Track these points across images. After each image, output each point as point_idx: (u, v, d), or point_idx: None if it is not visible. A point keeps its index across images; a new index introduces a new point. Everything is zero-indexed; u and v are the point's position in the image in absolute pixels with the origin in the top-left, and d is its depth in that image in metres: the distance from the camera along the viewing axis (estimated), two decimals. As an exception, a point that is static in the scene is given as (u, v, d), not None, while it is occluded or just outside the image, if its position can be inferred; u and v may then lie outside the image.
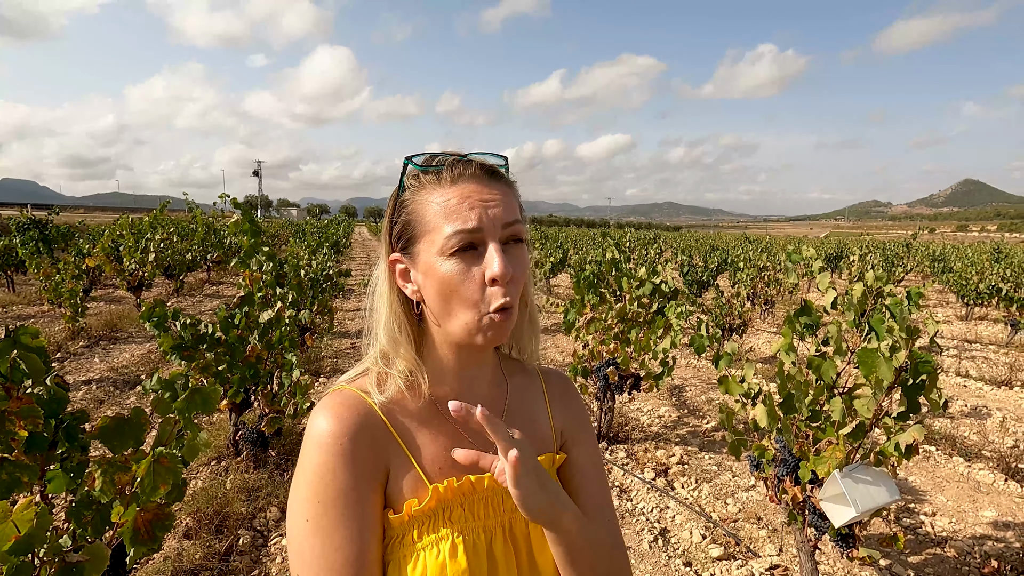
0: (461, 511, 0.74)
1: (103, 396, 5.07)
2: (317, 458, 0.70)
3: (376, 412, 0.74)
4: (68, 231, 13.42)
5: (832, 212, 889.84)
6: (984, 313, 11.72)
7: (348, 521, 0.68)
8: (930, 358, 1.85)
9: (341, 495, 0.69)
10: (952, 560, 3.01)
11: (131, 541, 1.55)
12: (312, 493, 0.69)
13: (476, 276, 0.68)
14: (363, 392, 0.75)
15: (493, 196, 0.71)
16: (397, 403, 0.76)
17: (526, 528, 0.77)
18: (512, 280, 0.69)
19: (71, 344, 6.73)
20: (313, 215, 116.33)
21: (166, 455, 1.58)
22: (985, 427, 5.02)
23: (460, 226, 0.68)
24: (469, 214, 0.68)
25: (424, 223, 0.71)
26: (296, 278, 4.67)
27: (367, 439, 0.72)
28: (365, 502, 0.70)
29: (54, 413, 1.59)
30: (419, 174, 0.73)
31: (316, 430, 0.71)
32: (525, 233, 0.74)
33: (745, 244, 17.54)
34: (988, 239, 49.81)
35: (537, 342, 0.87)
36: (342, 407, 0.73)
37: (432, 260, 0.70)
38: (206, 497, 3.20)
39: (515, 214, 0.72)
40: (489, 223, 0.69)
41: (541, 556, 0.77)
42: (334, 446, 0.70)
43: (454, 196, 0.70)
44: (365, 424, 0.72)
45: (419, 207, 0.72)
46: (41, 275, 7.71)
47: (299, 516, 0.69)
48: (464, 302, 0.69)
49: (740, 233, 48.62)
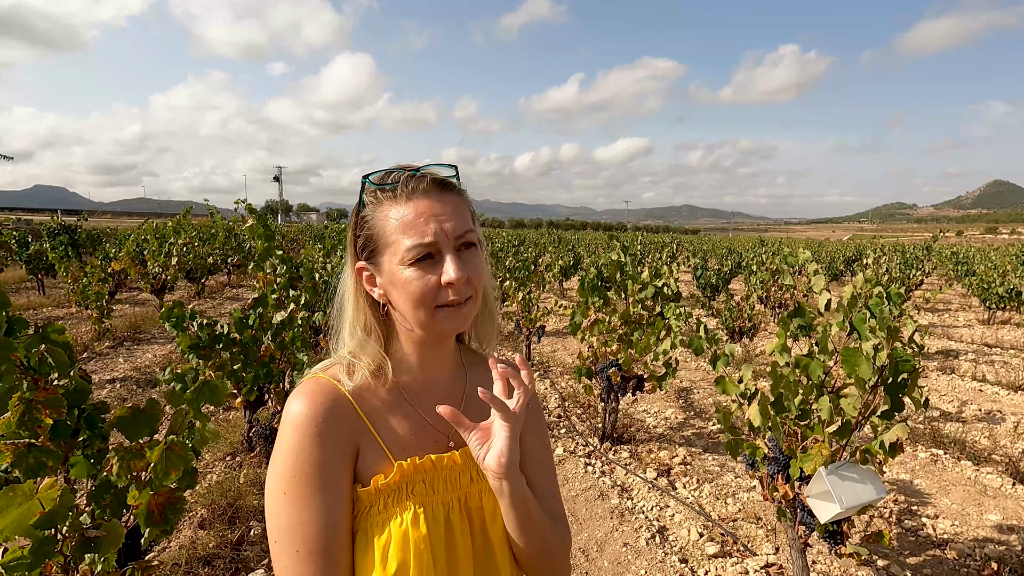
0: (423, 486, 0.82)
1: (126, 394, 5.28)
2: (293, 438, 0.78)
3: (346, 397, 0.83)
4: (96, 236, 13.87)
5: (855, 215, 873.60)
6: (1007, 317, 11.47)
7: (321, 494, 0.76)
8: (910, 357, 1.89)
9: (315, 471, 0.77)
10: (951, 562, 3.01)
11: (145, 522, 1.68)
12: (289, 469, 0.77)
13: (432, 281, 0.79)
14: (335, 380, 0.84)
15: (445, 209, 0.80)
16: (365, 390, 0.85)
17: (480, 501, 0.87)
18: (467, 281, 0.80)
19: (97, 345, 6.99)
20: (332, 219, 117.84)
21: (177, 443, 1.70)
22: (997, 431, 4.96)
23: (417, 240, 0.78)
24: (425, 228, 0.78)
25: (384, 237, 0.81)
26: (311, 280, 4.82)
27: (338, 421, 0.80)
28: (336, 477, 0.78)
29: (77, 403, 1.72)
30: (376, 191, 0.82)
31: (292, 413, 0.80)
32: (476, 237, 0.83)
33: (759, 247, 17.39)
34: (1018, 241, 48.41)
35: (495, 331, 0.96)
36: (316, 392, 0.81)
37: (394, 269, 0.80)
38: (220, 490, 3.34)
39: (467, 223, 0.82)
40: (443, 235, 0.79)
41: (492, 526, 0.86)
42: (309, 427, 0.78)
43: (410, 212, 0.79)
44: (336, 408, 0.81)
45: (379, 222, 0.81)
46: (69, 278, 8.02)
47: (277, 489, 0.77)
48: (422, 302, 0.79)
49: (757, 236, 48.12)
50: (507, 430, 0.77)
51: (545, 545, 0.87)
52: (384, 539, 0.78)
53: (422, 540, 0.78)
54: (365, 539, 0.79)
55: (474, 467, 0.87)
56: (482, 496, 0.87)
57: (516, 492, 0.80)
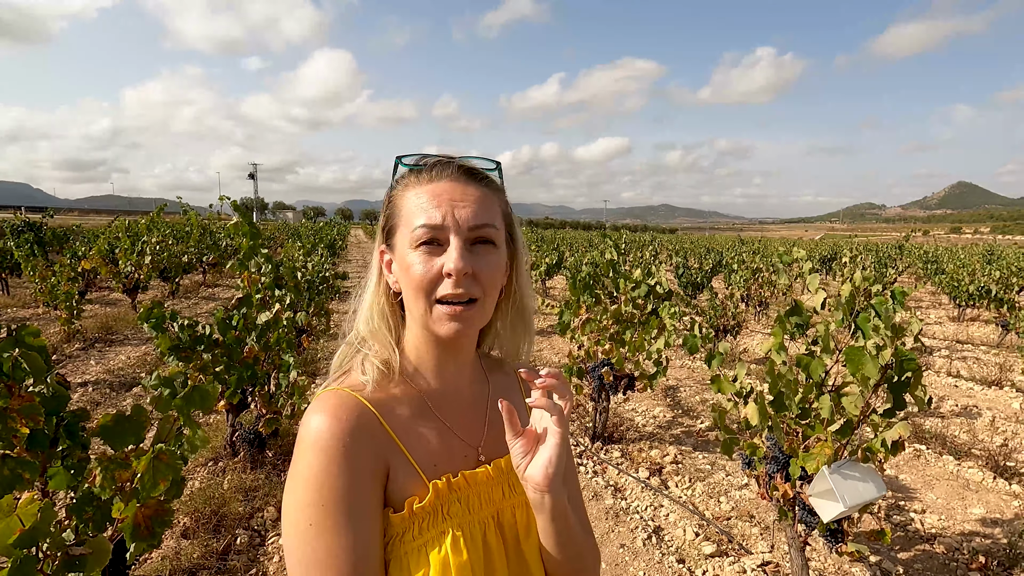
0: (458, 506, 0.76)
1: (100, 398, 5.08)
2: (317, 461, 0.69)
3: (370, 410, 0.75)
4: (63, 234, 13.38)
5: (827, 215, 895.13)
6: (976, 314, 11.82)
7: (352, 522, 0.68)
8: (914, 356, 1.90)
9: (344, 498, 0.68)
10: (941, 556, 3.06)
11: (131, 536, 1.58)
12: (314, 496, 0.68)
13: (434, 268, 0.72)
14: (354, 391, 0.76)
15: (466, 196, 0.74)
16: (389, 401, 0.77)
17: (513, 517, 0.81)
18: (472, 276, 0.72)
19: (67, 346, 6.73)
20: (309, 218, 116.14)
21: (166, 452, 1.61)
22: (975, 426, 5.08)
23: (425, 221, 0.72)
24: (435, 212, 0.73)
25: (401, 216, 0.76)
26: (293, 280, 4.70)
27: (366, 439, 0.72)
28: (367, 503, 0.70)
29: (55, 411, 1.61)
30: (406, 172, 0.79)
31: (314, 432, 0.70)
32: (499, 236, 0.76)
33: (739, 246, 17.63)
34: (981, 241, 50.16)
35: (529, 346, 0.88)
36: (339, 408, 0.73)
37: (403, 251, 0.75)
38: (203, 497, 3.21)
39: (489, 218, 0.75)
40: (453, 221, 0.72)
41: (526, 542, 0.81)
42: (334, 447, 0.69)
43: (428, 193, 0.74)
44: (363, 424, 0.73)
45: (400, 202, 0.77)
46: (37, 277, 7.70)
47: (301, 519, 0.68)
48: (420, 291, 0.73)
49: (735, 235, 48.85)
50: (558, 436, 0.71)
51: (581, 561, 0.82)
52: (422, 568, 0.71)
53: (464, 567, 0.71)
54: (400, 568, 0.71)
55: (506, 481, 0.82)
56: (515, 512, 0.81)
57: (558, 506, 0.74)
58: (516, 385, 0.93)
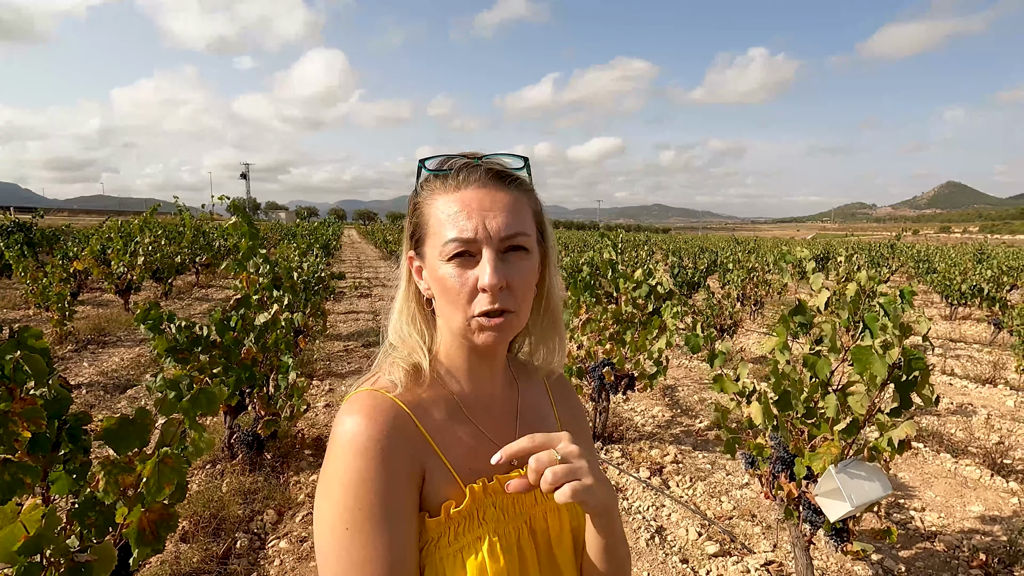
0: (494, 511, 0.75)
1: (93, 400, 5.01)
2: (355, 463, 0.68)
3: (406, 412, 0.73)
4: (53, 234, 13.24)
5: (818, 215, 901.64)
6: (968, 313, 11.93)
7: (389, 526, 0.67)
8: (922, 355, 1.90)
9: (380, 501, 0.67)
10: (942, 554, 3.07)
11: (136, 542, 1.55)
12: (352, 499, 0.67)
13: (470, 282, 0.70)
14: (388, 392, 0.75)
15: (496, 203, 0.71)
16: (422, 402, 0.76)
17: (545, 523, 0.80)
18: (507, 288, 0.70)
19: (59, 348, 6.64)
20: (302, 218, 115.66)
21: (171, 455, 1.58)
22: (971, 424, 5.12)
23: (456, 234, 0.70)
24: (466, 223, 0.70)
25: (429, 227, 0.74)
26: (289, 280, 4.66)
27: (402, 441, 0.71)
28: (403, 507, 0.69)
29: (57, 414, 1.58)
30: (430, 177, 0.76)
31: (350, 433, 0.69)
32: (530, 242, 0.74)
33: (734, 246, 17.71)
34: (970, 240, 50.71)
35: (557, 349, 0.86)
36: (375, 409, 0.72)
37: (434, 263, 0.73)
38: (202, 500, 3.18)
39: (520, 224, 0.72)
40: (485, 233, 0.70)
41: (558, 548, 0.79)
42: (372, 449, 0.68)
43: (456, 203, 0.71)
44: (398, 425, 0.72)
45: (427, 210, 0.75)
46: (28, 279, 7.60)
47: (337, 523, 0.67)
48: (456, 305, 0.71)
49: (728, 235, 49.11)
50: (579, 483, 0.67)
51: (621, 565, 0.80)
52: (458, 574, 0.69)
53: (501, 573, 0.70)
54: (435, 574, 0.70)
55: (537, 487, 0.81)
56: (547, 517, 0.80)
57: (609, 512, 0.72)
58: (543, 389, 0.91)
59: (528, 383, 0.89)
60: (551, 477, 0.64)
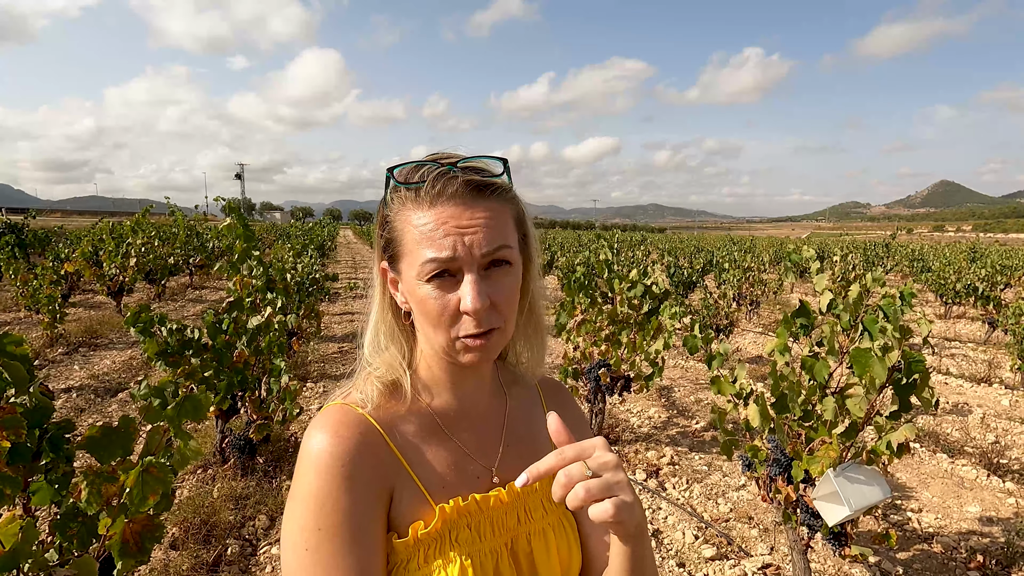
0: (468, 532, 0.71)
1: (84, 404, 4.95)
2: (316, 482, 0.66)
3: (376, 428, 0.71)
4: (45, 236, 13.13)
5: (813, 213, 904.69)
6: (962, 311, 11.97)
7: (352, 548, 0.64)
8: (922, 357, 1.88)
9: (344, 522, 0.65)
10: (939, 556, 3.06)
11: (120, 553, 1.51)
12: (312, 521, 0.65)
13: (452, 303, 0.66)
14: (360, 408, 0.72)
15: (474, 220, 0.66)
16: (395, 418, 0.73)
17: (528, 546, 0.76)
18: (492, 307, 0.67)
19: (49, 351, 6.57)
20: (297, 218, 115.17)
21: (155, 464, 1.54)
22: (967, 424, 5.12)
23: (434, 254, 0.65)
24: (444, 242, 0.65)
25: (404, 244, 0.69)
26: (283, 282, 4.61)
27: (369, 459, 0.68)
28: (369, 527, 0.67)
29: (38, 423, 1.54)
30: (401, 190, 0.69)
31: (314, 451, 0.67)
32: (513, 254, 0.69)
33: (730, 245, 17.73)
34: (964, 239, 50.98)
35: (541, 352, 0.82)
36: (341, 424, 0.69)
37: (412, 282, 0.68)
38: (193, 506, 3.13)
39: (502, 238, 0.67)
40: (465, 252, 0.65)
41: (544, 573, 0.75)
42: (335, 468, 0.66)
43: (432, 220, 0.66)
44: (366, 442, 0.69)
45: (400, 226, 0.69)
46: (18, 281, 7.52)
47: (298, 546, 0.65)
48: (438, 327, 0.67)
49: (724, 234, 49.14)
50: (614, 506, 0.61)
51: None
52: None
53: None
54: None
55: (522, 506, 0.76)
56: (531, 540, 0.75)
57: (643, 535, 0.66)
58: (536, 398, 0.87)
59: (519, 392, 0.85)
60: (583, 493, 0.57)
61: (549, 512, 0.78)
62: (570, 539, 0.78)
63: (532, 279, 0.77)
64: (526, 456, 0.79)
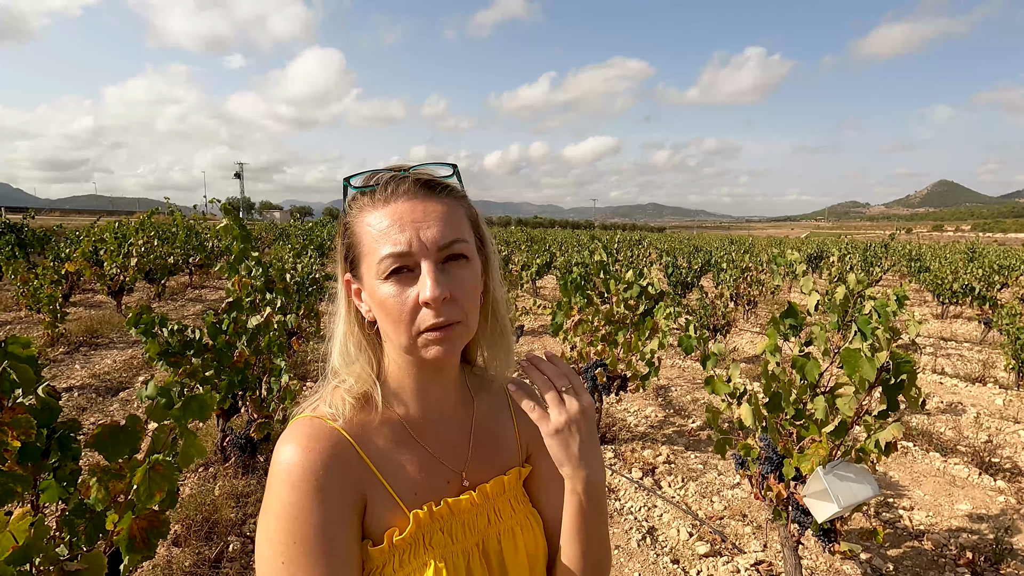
0: (441, 535, 0.74)
1: (85, 403, 4.99)
2: (288, 496, 0.66)
3: (346, 439, 0.72)
4: (44, 235, 13.15)
5: (811, 213, 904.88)
6: (959, 312, 12.03)
7: (326, 559, 0.66)
8: (910, 358, 1.92)
9: (317, 534, 0.66)
10: (929, 552, 3.11)
11: (127, 549, 1.56)
12: (285, 533, 0.65)
13: (411, 299, 0.68)
14: (329, 419, 0.72)
15: (428, 214, 0.69)
16: (365, 428, 0.74)
17: (498, 545, 0.79)
18: (451, 299, 0.68)
19: (51, 351, 6.61)
20: (296, 218, 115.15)
21: (161, 462, 1.59)
22: (960, 423, 5.17)
23: (391, 249, 0.67)
24: (399, 236, 0.67)
25: (362, 246, 0.71)
26: (282, 282, 4.65)
27: (340, 470, 0.69)
28: (342, 538, 0.68)
29: (46, 423, 1.58)
30: (357, 195, 0.73)
31: (284, 465, 0.68)
32: (470, 249, 0.72)
33: (728, 245, 17.77)
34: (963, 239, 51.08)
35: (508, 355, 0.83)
36: (310, 438, 0.70)
37: (372, 283, 0.70)
38: (195, 504, 3.17)
39: (456, 232, 0.70)
40: (420, 245, 0.67)
41: (513, 570, 0.78)
42: (306, 481, 0.67)
43: (387, 217, 0.69)
44: (336, 454, 0.70)
45: (358, 229, 0.72)
46: (18, 280, 7.55)
47: (273, 559, 0.65)
48: (399, 324, 0.69)
49: (723, 234, 49.22)
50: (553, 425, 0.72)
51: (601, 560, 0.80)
52: None
53: None
54: None
55: (491, 507, 0.80)
56: (500, 539, 0.79)
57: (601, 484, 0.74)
58: (504, 403, 0.89)
59: (486, 399, 0.87)
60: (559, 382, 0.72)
61: (517, 511, 0.82)
62: (536, 533, 0.82)
63: (492, 280, 0.78)
64: (494, 459, 0.83)
